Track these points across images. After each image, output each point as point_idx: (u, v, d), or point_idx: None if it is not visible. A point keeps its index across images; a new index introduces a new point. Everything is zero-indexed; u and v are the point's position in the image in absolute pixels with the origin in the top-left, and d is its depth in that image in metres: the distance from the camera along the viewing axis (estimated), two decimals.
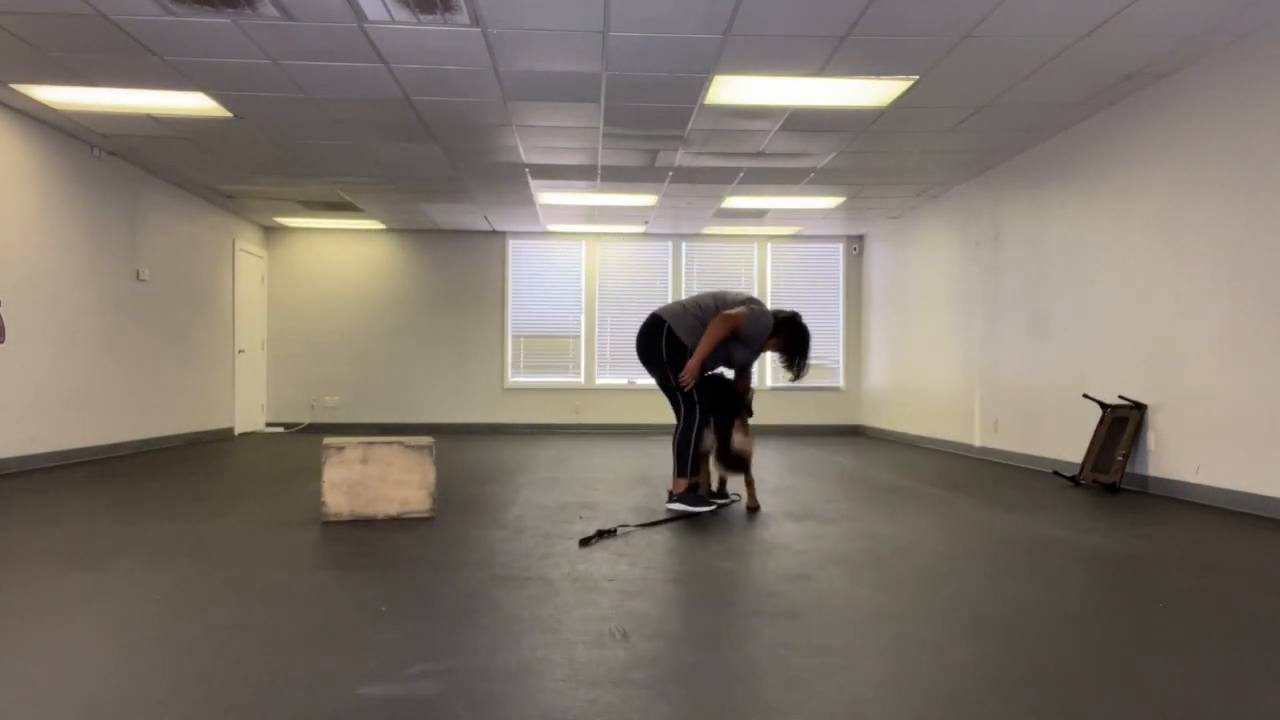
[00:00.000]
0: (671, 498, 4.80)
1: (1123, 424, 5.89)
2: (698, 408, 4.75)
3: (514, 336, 11.75)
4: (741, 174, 8.27)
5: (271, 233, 11.58)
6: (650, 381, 5.02)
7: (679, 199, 9.41)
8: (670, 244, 11.72)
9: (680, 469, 4.77)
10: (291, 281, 11.61)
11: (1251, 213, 4.93)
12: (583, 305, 11.70)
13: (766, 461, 7.74)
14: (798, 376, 4.82)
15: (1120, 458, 5.75)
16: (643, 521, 4.43)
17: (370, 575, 3.24)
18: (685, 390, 4.73)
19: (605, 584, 3.14)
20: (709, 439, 4.80)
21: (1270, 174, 4.80)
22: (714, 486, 5.06)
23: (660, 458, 7.94)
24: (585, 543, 3.84)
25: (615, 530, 4.12)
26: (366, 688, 2.07)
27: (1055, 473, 6.66)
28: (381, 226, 11.44)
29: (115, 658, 2.31)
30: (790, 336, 4.82)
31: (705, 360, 4.65)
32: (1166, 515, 4.80)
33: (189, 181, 8.86)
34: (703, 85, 5.79)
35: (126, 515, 4.58)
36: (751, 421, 4.91)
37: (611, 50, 5.22)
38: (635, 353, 4.88)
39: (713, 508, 4.77)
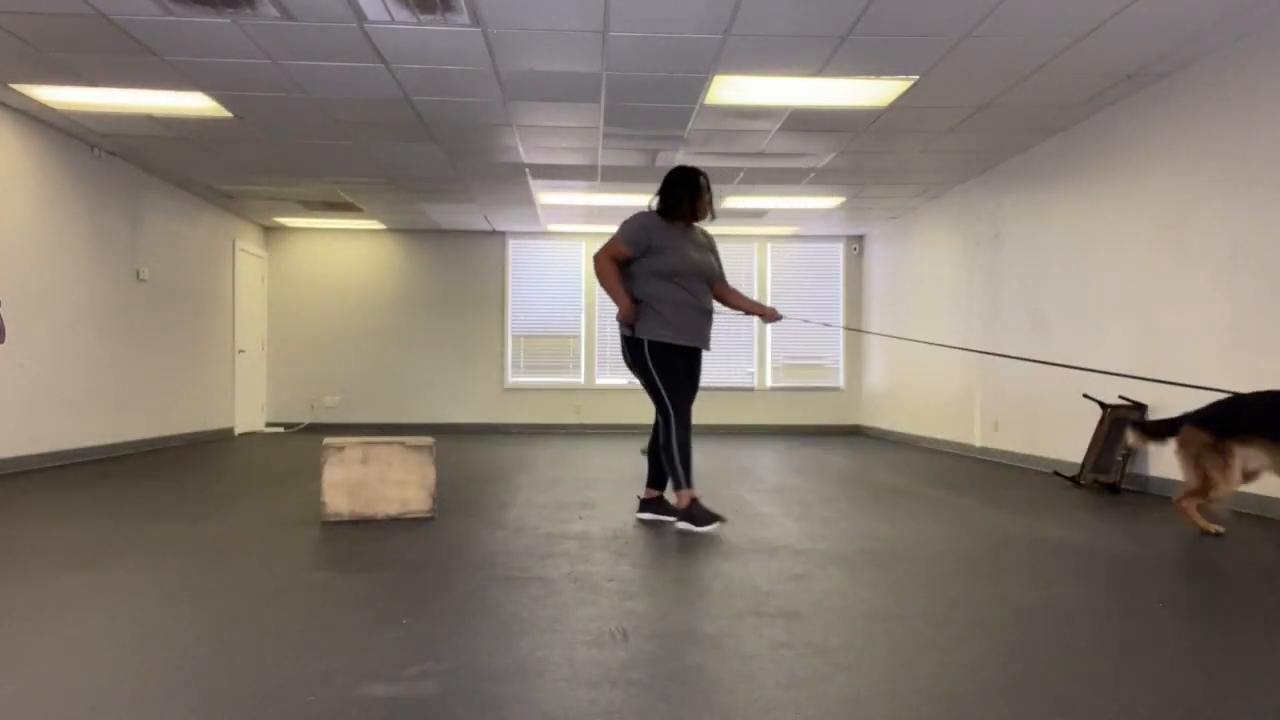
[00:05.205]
0: (667, 509, 4.43)
1: (1123, 424, 5.89)
2: (669, 405, 4.27)
3: (514, 336, 11.74)
4: (741, 174, 8.27)
5: (271, 233, 11.58)
6: None
7: None
8: None
9: (676, 479, 4.25)
10: (291, 281, 11.61)
11: (1252, 213, 4.93)
12: (583, 305, 11.70)
13: (766, 461, 7.75)
14: (707, 213, 4.37)
15: (1120, 458, 5.75)
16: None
17: (370, 575, 3.24)
18: (656, 389, 4.27)
19: (605, 584, 3.14)
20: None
21: (1271, 174, 4.80)
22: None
23: None
24: None
25: None
26: (366, 688, 2.07)
27: (1055, 473, 6.66)
28: (381, 226, 11.44)
29: (115, 657, 2.31)
30: (667, 192, 4.35)
31: (647, 294, 4.25)
32: (1167, 515, 4.80)
33: (189, 181, 8.86)
34: (703, 85, 5.79)
35: (126, 515, 4.58)
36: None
37: (611, 50, 5.22)
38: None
39: (714, 525, 4.19)
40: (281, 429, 11.38)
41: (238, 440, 9.94)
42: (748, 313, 4.61)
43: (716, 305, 4.58)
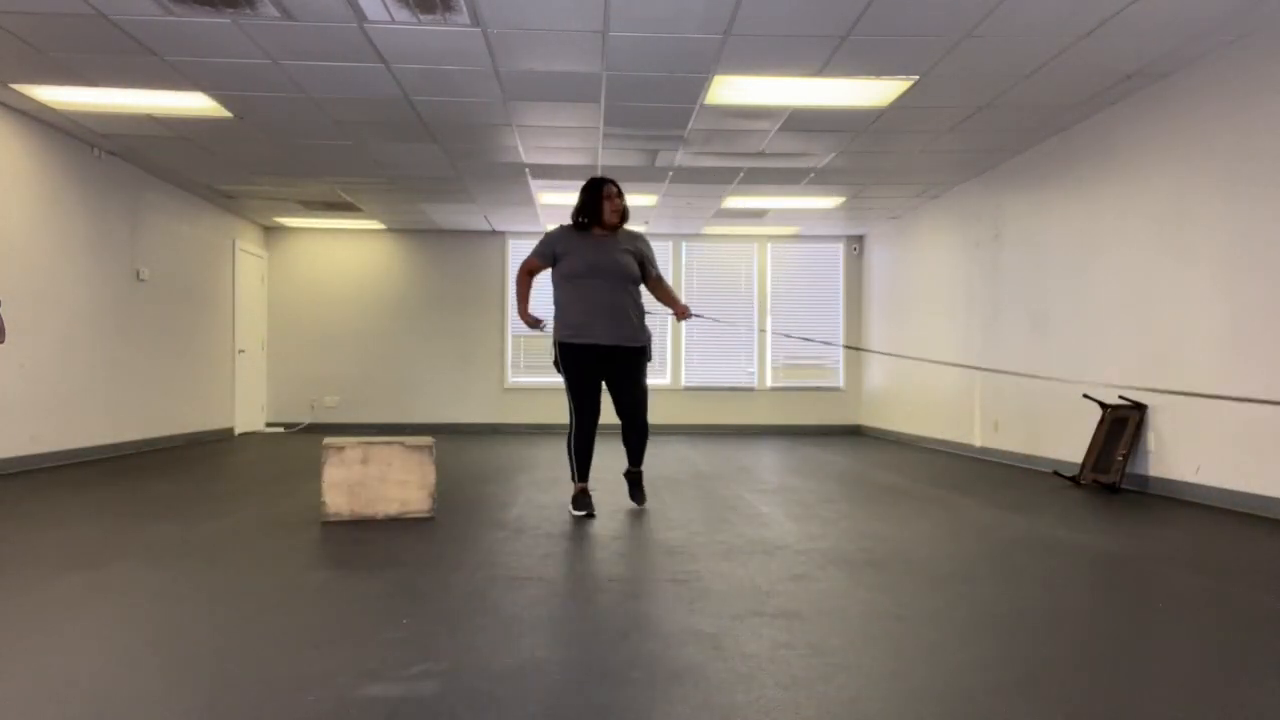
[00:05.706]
0: (638, 489, 5.00)
1: (1123, 424, 5.89)
2: (570, 404, 4.80)
3: (514, 336, 11.74)
4: (741, 174, 8.27)
5: (271, 233, 11.58)
6: (652, 382, 5.08)
7: (679, 199, 9.41)
8: (670, 244, 11.71)
9: (570, 470, 4.85)
10: (291, 281, 11.61)
11: (1252, 212, 4.93)
12: None
13: (766, 461, 7.75)
14: (615, 217, 4.65)
15: (1120, 458, 5.75)
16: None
17: (370, 575, 3.24)
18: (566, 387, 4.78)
19: (605, 584, 3.14)
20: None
21: (1271, 173, 4.80)
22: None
23: (659, 457, 7.94)
24: None
25: None
26: (366, 688, 2.07)
27: (1055, 473, 6.66)
28: (381, 226, 11.44)
29: (115, 658, 2.31)
30: (579, 202, 4.70)
31: (556, 298, 4.80)
32: (1166, 515, 4.80)
33: (189, 181, 8.86)
34: (703, 85, 5.79)
35: (127, 515, 4.58)
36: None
37: (611, 50, 5.22)
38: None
39: (582, 514, 4.68)
40: (281, 429, 11.38)
41: (238, 440, 9.94)
42: (670, 307, 4.93)
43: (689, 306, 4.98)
